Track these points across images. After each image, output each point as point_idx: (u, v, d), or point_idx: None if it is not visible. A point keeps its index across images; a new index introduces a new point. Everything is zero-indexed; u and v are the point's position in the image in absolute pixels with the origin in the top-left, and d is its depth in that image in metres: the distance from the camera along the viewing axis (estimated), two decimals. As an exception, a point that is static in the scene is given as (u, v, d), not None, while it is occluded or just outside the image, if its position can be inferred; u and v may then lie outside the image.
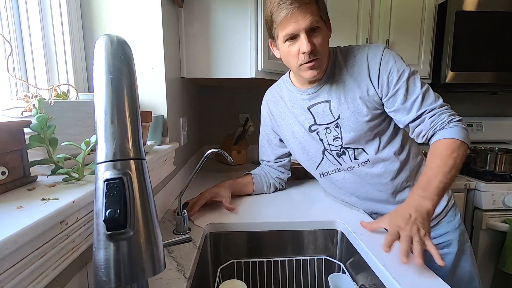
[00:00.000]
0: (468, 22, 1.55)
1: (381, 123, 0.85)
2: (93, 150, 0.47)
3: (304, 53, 0.75)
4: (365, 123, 0.82)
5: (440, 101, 0.78)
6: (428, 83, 1.68)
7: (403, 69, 0.79)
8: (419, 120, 0.78)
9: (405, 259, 0.57)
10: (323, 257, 0.84)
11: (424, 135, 0.79)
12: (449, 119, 0.76)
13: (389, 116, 0.84)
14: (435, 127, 0.76)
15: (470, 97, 2.00)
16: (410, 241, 0.60)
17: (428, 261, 0.89)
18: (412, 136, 0.83)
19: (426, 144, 0.82)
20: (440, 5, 1.59)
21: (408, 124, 0.80)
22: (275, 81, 1.04)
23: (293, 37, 0.75)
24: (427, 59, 1.63)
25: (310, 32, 0.75)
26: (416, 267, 0.59)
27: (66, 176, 0.47)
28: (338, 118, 0.84)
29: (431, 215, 0.66)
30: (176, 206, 0.76)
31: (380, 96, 0.81)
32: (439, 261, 0.56)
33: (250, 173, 1.08)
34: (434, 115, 0.77)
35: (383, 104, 0.83)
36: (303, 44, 0.74)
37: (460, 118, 0.77)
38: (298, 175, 1.28)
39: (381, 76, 0.79)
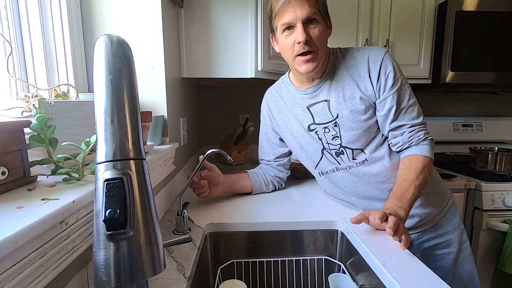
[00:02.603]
0: (468, 22, 1.55)
1: (377, 123, 0.86)
2: (93, 150, 0.47)
3: (299, 43, 0.76)
4: (364, 121, 0.83)
5: (421, 118, 0.83)
6: (428, 83, 1.70)
7: (398, 76, 0.81)
8: (398, 131, 0.83)
9: (391, 232, 0.64)
10: (323, 257, 0.84)
11: (399, 146, 0.84)
12: (424, 137, 0.82)
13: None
14: (411, 142, 0.82)
15: (470, 97, 2.00)
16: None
17: (428, 261, 0.90)
18: (388, 143, 0.87)
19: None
20: (440, 5, 1.59)
21: (388, 131, 0.85)
22: (275, 81, 1.04)
23: (290, 28, 0.77)
24: (427, 59, 1.63)
25: (307, 23, 0.76)
26: (416, 267, 0.59)
27: (66, 176, 0.47)
28: (337, 117, 0.85)
29: (402, 221, 0.71)
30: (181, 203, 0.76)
31: (376, 97, 0.82)
32: (403, 246, 0.65)
33: (247, 171, 1.08)
34: (413, 130, 0.82)
35: (376, 107, 0.85)
36: (298, 33, 0.75)
37: (432, 137, 0.84)
38: (298, 175, 1.28)
39: (380, 77, 0.81)
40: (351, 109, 0.83)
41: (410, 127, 0.82)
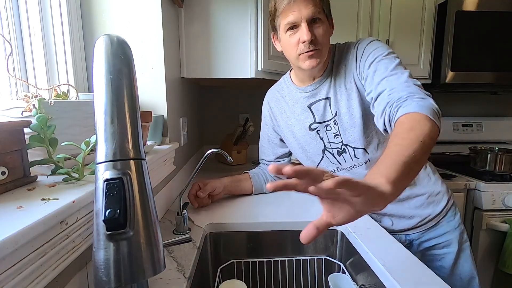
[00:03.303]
0: (468, 22, 1.55)
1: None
2: (93, 150, 0.47)
3: (304, 42, 0.75)
4: (359, 118, 0.81)
5: (416, 83, 0.65)
6: (428, 83, 1.70)
7: (380, 54, 0.74)
8: (378, 101, 0.68)
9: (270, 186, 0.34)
10: (323, 257, 0.84)
11: (381, 120, 0.65)
12: (407, 96, 0.61)
13: None
14: (391, 106, 0.63)
15: (470, 97, 2.00)
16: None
17: (428, 261, 0.90)
18: (378, 128, 0.70)
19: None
20: (440, 5, 1.59)
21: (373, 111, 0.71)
22: (275, 81, 1.04)
23: (294, 27, 0.77)
24: (427, 59, 1.63)
25: (312, 22, 0.76)
26: (416, 267, 0.59)
27: (66, 176, 0.47)
28: (336, 115, 0.85)
29: (384, 195, 0.41)
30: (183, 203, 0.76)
31: (364, 84, 0.77)
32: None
33: (248, 172, 1.08)
34: (393, 93, 0.64)
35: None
36: (303, 33, 0.75)
37: (429, 94, 0.63)
38: (298, 175, 1.27)
39: (361, 60, 0.78)
40: (347, 106, 0.82)
41: (389, 90, 0.65)
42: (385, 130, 0.67)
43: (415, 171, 0.50)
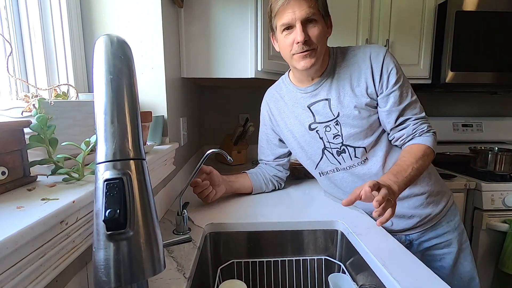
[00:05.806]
0: (468, 22, 1.55)
1: (378, 121, 0.86)
2: (93, 150, 0.47)
3: (297, 43, 0.77)
4: (365, 119, 0.84)
5: (424, 113, 0.86)
6: (428, 83, 1.70)
7: (400, 74, 0.83)
8: (403, 125, 0.84)
9: (377, 204, 0.62)
10: (323, 257, 0.84)
11: (403, 139, 0.85)
12: (427, 129, 0.84)
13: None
14: (415, 133, 0.84)
15: (470, 97, 2.00)
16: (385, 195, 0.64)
17: (428, 261, 0.90)
18: (390, 138, 0.88)
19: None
20: (440, 5, 1.59)
21: (392, 127, 0.85)
22: (275, 81, 1.04)
23: (289, 27, 0.78)
24: (427, 59, 1.63)
25: (306, 23, 0.77)
26: (416, 267, 0.59)
27: (66, 176, 0.47)
28: (338, 115, 0.85)
29: (394, 192, 0.70)
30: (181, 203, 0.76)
31: (377, 94, 0.83)
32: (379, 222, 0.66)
33: (246, 172, 1.08)
34: (417, 123, 0.84)
35: (378, 103, 0.85)
36: (297, 34, 0.76)
37: (435, 131, 0.86)
38: (298, 175, 1.28)
39: (383, 74, 0.82)
40: (352, 107, 0.83)
41: (414, 120, 0.84)
42: (394, 139, 0.87)
43: (415, 180, 0.78)
